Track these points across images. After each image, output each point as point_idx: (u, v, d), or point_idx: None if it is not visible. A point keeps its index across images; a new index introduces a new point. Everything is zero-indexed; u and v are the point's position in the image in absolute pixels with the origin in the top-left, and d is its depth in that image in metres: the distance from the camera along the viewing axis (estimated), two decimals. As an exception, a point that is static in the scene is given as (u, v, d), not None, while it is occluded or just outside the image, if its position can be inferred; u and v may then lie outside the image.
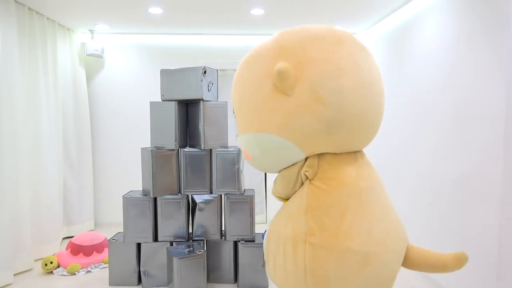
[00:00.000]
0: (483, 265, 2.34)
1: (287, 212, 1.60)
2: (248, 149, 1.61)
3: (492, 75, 2.27)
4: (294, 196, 1.61)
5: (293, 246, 1.48)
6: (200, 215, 2.91)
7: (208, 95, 2.90)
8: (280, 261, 1.54)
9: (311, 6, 3.45)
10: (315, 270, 1.44)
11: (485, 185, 2.33)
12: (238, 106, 1.62)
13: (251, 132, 1.53)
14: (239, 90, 1.59)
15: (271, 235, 1.64)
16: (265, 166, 1.68)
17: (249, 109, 1.52)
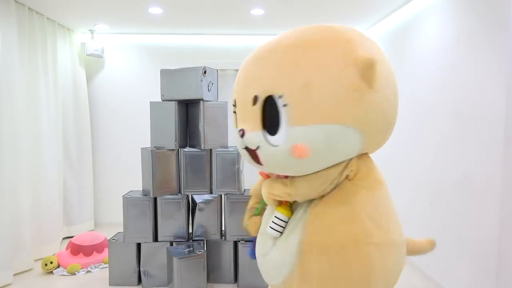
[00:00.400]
0: (483, 265, 2.34)
1: (329, 218, 1.46)
2: (311, 142, 1.35)
3: (492, 75, 2.27)
4: (331, 200, 1.48)
5: (356, 251, 1.42)
6: (200, 215, 2.91)
7: (208, 95, 2.90)
8: (336, 272, 1.43)
9: (311, 6, 3.45)
10: (381, 269, 1.47)
11: (485, 185, 2.33)
12: (304, 93, 1.31)
13: (324, 124, 1.34)
14: (304, 74, 1.33)
15: (310, 247, 1.44)
16: (317, 164, 1.44)
17: (324, 98, 1.32)
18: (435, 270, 2.91)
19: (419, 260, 3.14)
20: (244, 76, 1.49)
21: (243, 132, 1.45)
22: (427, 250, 1.93)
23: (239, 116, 1.53)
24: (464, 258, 2.55)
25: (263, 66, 1.41)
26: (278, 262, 1.52)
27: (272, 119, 1.38)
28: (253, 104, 1.40)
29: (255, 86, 1.40)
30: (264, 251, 1.60)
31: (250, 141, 1.44)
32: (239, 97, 1.51)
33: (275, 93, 1.34)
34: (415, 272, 3.15)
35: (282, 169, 1.49)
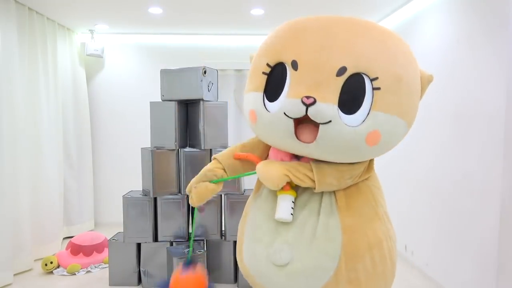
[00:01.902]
0: (483, 265, 2.34)
1: (360, 218, 1.50)
2: (383, 131, 1.36)
3: (492, 75, 2.27)
4: (355, 199, 1.52)
5: (386, 246, 1.52)
6: (200, 215, 2.91)
7: (208, 95, 2.90)
8: (378, 268, 1.49)
9: (311, 6, 3.45)
10: (394, 257, 1.57)
11: (485, 185, 2.33)
12: (396, 84, 1.34)
13: (398, 116, 1.38)
14: (400, 67, 1.37)
15: (353, 248, 1.45)
16: (371, 154, 1.49)
17: (406, 94, 1.40)
18: (435, 270, 2.91)
19: (419, 260, 3.15)
20: (323, 38, 1.34)
21: (314, 100, 1.29)
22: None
23: (305, 81, 1.33)
24: (464, 258, 2.55)
25: (358, 37, 1.34)
26: (313, 269, 1.45)
27: (351, 97, 1.31)
28: (336, 74, 1.30)
29: (345, 56, 1.30)
30: (282, 260, 1.47)
31: (319, 113, 1.29)
32: (309, 59, 1.33)
33: (371, 74, 1.30)
34: (415, 272, 3.15)
35: (340, 152, 1.40)
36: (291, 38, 1.40)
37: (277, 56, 1.40)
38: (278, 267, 1.48)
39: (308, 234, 1.47)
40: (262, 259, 1.52)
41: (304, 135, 1.36)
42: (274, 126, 1.41)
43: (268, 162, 1.52)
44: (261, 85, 1.45)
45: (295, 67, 1.35)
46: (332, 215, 1.48)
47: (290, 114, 1.33)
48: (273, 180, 1.44)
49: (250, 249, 1.59)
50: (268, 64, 1.42)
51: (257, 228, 1.59)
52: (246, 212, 1.74)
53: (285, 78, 1.38)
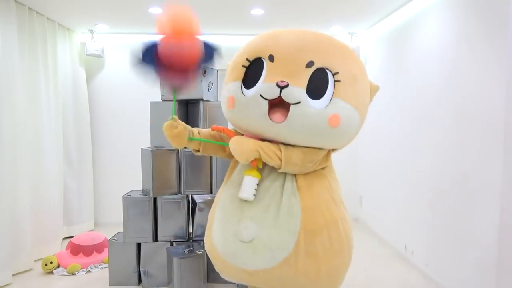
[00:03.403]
0: (483, 265, 2.34)
1: (318, 201, 1.73)
2: (342, 115, 1.64)
3: (492, 75, 2.27)
4: (315, 185, 1.76)
5: (342, 226, 1.75)
6: (200, 215, 2.91)
7: (208, 95, 2.90)
8: (334, 245, 1.71)
9: (311, 6, 3.45)
10: (351, 240, 1.81)
11: (485, 185, 2.33)
12: (352, 80, 1.67)
13: (354, 106, 1.67)
14: (354, 69, 1.71)
15: (312, 225, 1.67)
16: (331, 139, 1.72)
17: (360, 91, 1.71)
18: (435, 270, 2.91)
19: (419, 260, 3.15)
20: (295, 40, 1.68)
21: (287, 83, 1.58)
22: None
23: (279, 70, 1.62)
24: (464, 258, 2.55)
25: (323, 43, 1.69)
26: (277, 243, 1.66)
27: (317, 85, 1.61)
28: (306, 66, 1.61)
29: (313, 54, 1.63)
30: (249, 236, 1.68)
31: (291, 94, 1.59)
32: (284, 54, 1.65)
33: (333, 69, 1.63)
34: (415, 272, 3.15)
35: (305, 132, 1.64)
36: (269, 39, 1.74)
37: (256, 53, 1.72)
38: (244, 243, 1.69)
39: (272, 212, 1.70)
40: (230, 237, 1.73)
41: (276, 116, 1.61)
42: (250, 108, 1.66)
43: (242, 137, 1.74)
44: (239, 76, 1.73)
45: (272, 60, 1.65)
46: (293, 195, 1.71)
47: (265, 96, 1.61)
48: (244, 153, 1.66)
49: (219, 230, 1.80)
50: (247, 59, 1.73)
51: (226, 210, 1.80)
52: (216, 199, 1.94)
53: (262, 69, 1.67)
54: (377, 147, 4.03)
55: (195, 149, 1.98)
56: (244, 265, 1.71)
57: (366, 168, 4.36)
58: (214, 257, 1.86)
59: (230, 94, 1.75)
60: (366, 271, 3.17)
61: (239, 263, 1.72)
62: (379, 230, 4.04)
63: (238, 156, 1.69)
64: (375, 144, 4.10)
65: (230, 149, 1.71)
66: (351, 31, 4.38)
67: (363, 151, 4.42)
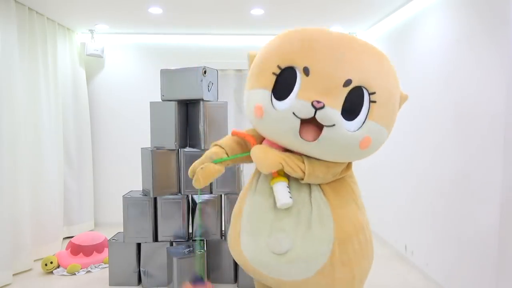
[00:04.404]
0: (483, 265, 2.34)
1: (345, 208, 1.71)
2: (373, 138, 1.58)
3: (492, 75, 2.27)
4: (340, 193, 1.74)
5: (368, 232, 1.76)
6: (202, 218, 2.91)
7: (208, 95, 2.90)
8: (363, 251, 1.71)
9: (311, 6, 3.45)
10: (373, 241, 1.81)
11: (485, 185, 2.33)
12: (387, 99, 1.59)
13: (385, 127, 1.62)
14: (391, 85, 1.64)
15: (344, 234, 1.65)
16: (362, 156, 1.69)
17: (394, 109, 1.67)
18: (435, 270, 2.91)
19: (419, 260, 3.15)
20: (333, 52, 1.52)
21: (323, 105, 1.47)
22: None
23: (315, 87, 1.50)
24: (464, 258, 2.55)
25: (362, 56, 1.55)
26: (312, 254, 1.63)
27: (352, 106, 1.52)
28: (343, 85, 1.49)
29: (351, 71, 1.50)
30: (283, 249, 1.63)
31: (327, 116, 1.48)
32: (321, 68, 1.50)
33: (370, 88, 1.52)
34: (415, 272, 3.15)
35: (335, 152, 1.59)
36: (305, 47, 1.54)
37: (289, 61, 1.54)
38: (278, 255, 1.64)
39: (304, 223, 1.65)
40: (262, 249, 1.67)
41: (307, 134, 1.52)
42: (281, 123, 1.55)
43: (265, 147, 1.67)
44: (270, 84, 1.57)
45: (307, 73, 1.51)
46: (323, 205, 1.67)
47: (299, 114, 1.50)
48: (267, 165, 1.61)
49: (249, 241, 1.73)
50: (278, 66, 1.55)
51: (254, 221, 1.74)
52: (240, 206, 1.86)
53: (295, 81, 1.53)
54: (377, 147, 4.03)
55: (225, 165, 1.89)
56: (279, 276, 1.68)
57: (366, 168, 4.36)
58: (244, 266, 1.81)
59: (258, 103, 1.60)
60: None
61: (274, 274, 1.69)
62: (379, 230, 4.04)
63: (260, 167, 1.63)
64: (375, 144, 4.09)
65: (253, 160, 1.67)
66: (351, 31, 4.38)
67: (363, 151, 4.41)
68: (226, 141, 1.87)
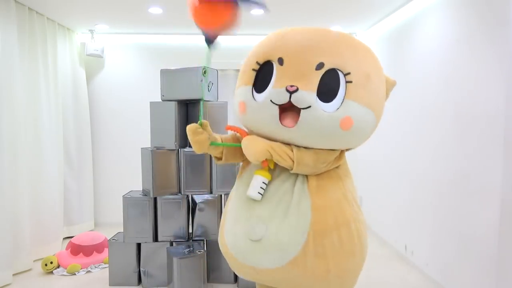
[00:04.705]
0: (483, 264, 2.34)
1: (329, 201, 1.70)
2: (355, 118, 1.60)
3: (492, 75, 2.27)
4: (326, 185, 1.72)
5: (354, 227, 1.71)
6: (200, 215, 2.91)
7: (208, 95, 2.90)
8: (345, 246, 1.68)
9: (311, 7, 3.45)
10: (364, 240, 1.76)
11: (485, 185, 2.33)
12: (365, 80, 1.61)
13: (367, 107, 1.63)
14: (368, 67, 1.65)
15: (322, 226, 1.65)
16: (342, 141, 1.69)
17: (374, 90, 1.66)
18: (435, 270, 2.91)
19: (419, 260, 3.15)
20: (303, 40, 1.61)
21: (297, 88, 1.54)
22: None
23: (289, 74, 1.58)
24: (464, 258, 2.55)
25: (333, 41, 1.62)
26: (285, 243, 1.64)
27: (327, 87, 1.57)
28: (316, 68, 1.56)
29: (322, 55, 1.57)
30: (257, 235, 1.67)
31: (301, 99, 1.55)
32: (293, 56, 1.59)
33: (344, 69, 1.57)
34: (415, 272, 3.15)
35: (317, 135, 1.61)
36: (278, 41, 1.67)
37: (266, 55, 1.66)
38: (254, 242, 1.67)
39: (281, 212, 1.68)
40: (240, 235, 1.72)
41: (287, 120, 1.59)
42: (261, 113, 1.64)
43: (254, 137, 1.72)
44: (250, 80, 1.69)
45: (281, 63, 1.61)
46: (304, 195, 1.69)
47: (275, 101, 1.58)
48: (255, 153, 1.65)
49: (231, 228, 1.79)
50: (257, 62, 1.68)
51: (236, 208, 1.80)
52: (229, 196, 1.95)
53: (272, 73, 1.63)
54: (377, 147, 4.03)
55: (217, 157, 1.94)
56: (253, 264, 1.70)
57: (366, 168, 4.36)
58: (225, 254, 1.86)
59: (241, 100, 1.73)
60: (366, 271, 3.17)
61: (248, 262, 1.71)
62: (379, 230, 4.04)
63: (249, 156, 1.67)
64: (375, 144, 4.09)
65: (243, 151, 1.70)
66: (351, 31, 4.38)
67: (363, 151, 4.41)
68: (224, 136, 1.98)
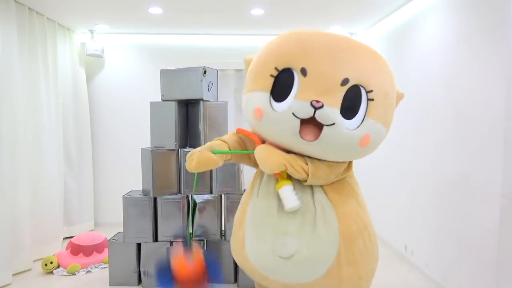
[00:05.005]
0: (483, 265, 2.34)
1: (349, 208, 1.72)
2: (372, 136, 1.59)
3: (492, 75, 2.27)
4: (342, 192, 1.75)
5: (372, 231, 1.79)
6: (200, 215, 2.91)
7: (208, 95, 2.90)
8: (368, 249, 1.73)
9: (311, 6, 3.45)
10: (377, 240, 1.82)
11: (485, 185, 2.33)
12: (383, 97, 1.60)
13: (383, 124, 1.63)
14: (387, 84, 1.64)
15: (349, 233, 1.67)
16: (362, 154, 1.69)
17: (389, 107, 1.67)
18: (435, 270, 2.91)
19: (419, 260, 3.14)
20: (329, 52, 1.55)
21: (323, 104, 1.48)
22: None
23: (313, 87, 1.52)
24: (464, 258, 2.55)
25: (358, 55, 1.58)
26: (318, 257, 1.64)
27: (350, 104, 1.53)
28: (341, 84, 1.51)
29: (347, 69, 1.52)
30: (289, 253, 1.64)
31: (326, 115, 1.50)
32: (318, 68, 1.53)
33: (367, 87, 1.54)
34: (415, 272, 3.15)
35: (335, 151, 1.60)
36: (301, 48, 1.57)
37: (286, 63, 1.56)
38: (285, 259, 1.64)
39: (309, 225, 1.65)
40: (268, 254, 1.67)
41: (308, 135, 1.53)
42: (280, 124, 1.56)
43: (269, 148, 1.66)
44: (268, 86, 1.59)
45: (304, 74, 1.53)
46: (326, 206, 1.68)
47: (298, 115, 1.51)
48: (271, 166, 1.61)
49: (254, 246, 1.74)
50: (276, 68, 1.57)
51: (259, 225, 1.73)
52: (243, 212, 1.86)
53: (293, 83, 1.54)
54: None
55: (224, 160, 1.87)
56: (285, 280, 1.68)
57: (366, 168, 4.36)
58: (250, 271, 1.81)
59: (258, 105, 1.61)
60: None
61: (280, 278, 1.68)
62: (379, 230, 4.02)
63: (263, 166, 1.63)
64: (375, 144, 4.10)
65: (256, 160, 1.66)
66: (351, 31, 4.38)
67: (363, 151, 4.42)
68: (229, 137, 1.88)
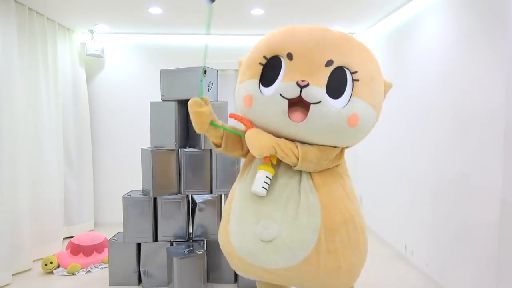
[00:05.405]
0: (483, 264, 2.34)
1: (335, 198, 1.74)
2: (361, 115, 1.64)
3: (492, 75, 2.27)
4: (330, 183, 1.76)
5: (359, 222, 1.76)
6: (200, 215, 2.91)
7: (208, 95, 2.90)
8: (353, 241, 1.72)
9: (311, 6, 3.45)
10: (365, 234, 1.81)
11: (485, 185, 2.33)
12: (370, 80, 1.66)
13: (371, 104, 1.67)
14: (372, 69, 1.71)
15: (331, 223, 1.67)
16: (353, 136, 1.72)
17: (377, 90, 1.71)
18: (435, 270, 2.91)
19: (419, 260, 3.15)
20: (314, 37, 1.64)
21: (308, 83, 1.56)
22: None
23: (299, 69, 1.60)
24: (464, 258, 2.55)
25: (342, 41, 1.66)
26: (298, 243, 1.66)
27: (336, 84, 1.60)
28: (325, 65, 1.59)
29: (332, 53, 1.61)
30: (270, 236, 1.67)
31: (312, 94, 1.57)
32: (303, 52, 1.62)
33: (351, 68, 1.62)
34: (415, 272, 3.15)
35: (324, 131, 1.64)
36: (287, 37, 1.68)
37: (274, 50, 1.66)
38: (265, 243, 1.67)
39: (291, 210, 1.69)
40: (250, 237, 1.71)
41: (296, 115, 1.60)
42: (269, 106, 1.63)
43: (259, 131, 1.71)
44: (257, 74, 1.68)
45: (290, 58, 1.62)
46: (312, 193, 1.71)
47: (285, 95, 1.59)
48: (260, 148, 1.65)
49: (237, 230, 1.77)
50: (264, 56, 1.68)
51: (242, 207, 1.78)
52: (231, 196, 1.91)
53: (280, 68, 1.63)
54: (377, 146, 4.03)
55: (216, 144, 1.93)
56: (264, 264, 1.69)
57: (366, 168, 4.36)
58: (229, 254, 1.84)
59: (247, 93, 1.70)
60: (366, 271, 3.17)
61: (259, 262, 1.70)
62: (379, 230, 4.04)
63: (253, 149, 1.67)
64: (374, 144, 4.10)
65: (246, 143, 1.70)
66: (351, 31, 4.38)
67: (363, 151, 4.42)
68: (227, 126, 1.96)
